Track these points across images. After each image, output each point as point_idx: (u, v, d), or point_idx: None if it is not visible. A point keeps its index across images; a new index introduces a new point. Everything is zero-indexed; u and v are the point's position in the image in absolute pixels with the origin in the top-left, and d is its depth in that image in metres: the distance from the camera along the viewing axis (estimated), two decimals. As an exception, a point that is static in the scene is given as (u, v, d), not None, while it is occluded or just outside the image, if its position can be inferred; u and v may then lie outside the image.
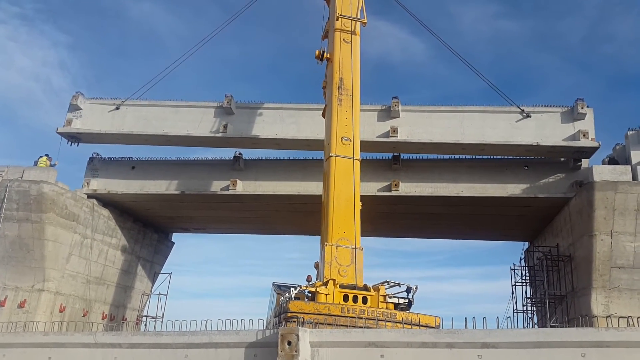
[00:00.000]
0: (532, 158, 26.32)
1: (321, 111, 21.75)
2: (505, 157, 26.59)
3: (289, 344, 12.09)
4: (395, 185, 26.37)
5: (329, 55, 21.14)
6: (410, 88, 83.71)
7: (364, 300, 16.06)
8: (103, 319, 29.02)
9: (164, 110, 27.14)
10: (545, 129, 24.83)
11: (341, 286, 16.13)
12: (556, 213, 26.28)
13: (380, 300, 16.24)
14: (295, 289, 16.36)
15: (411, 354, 12.17)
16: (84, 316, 27.28)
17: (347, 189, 18.03)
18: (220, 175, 27.99)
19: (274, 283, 25.34)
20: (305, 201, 26.98)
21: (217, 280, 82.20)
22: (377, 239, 37.03)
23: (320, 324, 13.90)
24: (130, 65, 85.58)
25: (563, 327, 20.94)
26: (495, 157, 26.69)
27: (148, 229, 33.17)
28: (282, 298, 17.15)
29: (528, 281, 27.46)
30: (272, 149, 27.67)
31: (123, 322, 30.16)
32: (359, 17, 21.40)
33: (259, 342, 12.77)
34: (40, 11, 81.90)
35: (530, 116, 25.09)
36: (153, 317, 31.31)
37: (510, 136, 24.84)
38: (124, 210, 30.32)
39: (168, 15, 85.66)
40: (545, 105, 25.40)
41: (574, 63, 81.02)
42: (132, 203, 29.53)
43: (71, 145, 27.42)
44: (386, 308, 15.99)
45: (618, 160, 24.06)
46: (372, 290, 16.49)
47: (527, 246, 30.80)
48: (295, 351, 12.01)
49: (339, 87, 19.76)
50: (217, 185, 27.76)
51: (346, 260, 16.78)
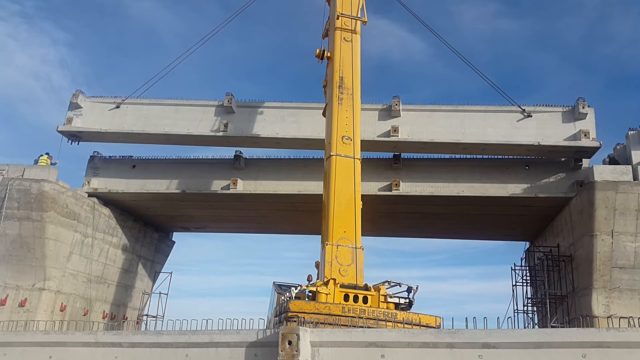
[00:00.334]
0: (533, 158, 26.30)
1: (322, 110, 21.73)
2: (506, 157, 26.57)
3: (290, 343, 12.09)
4: (396, 184, 26.37)
5: (329, 54, 21.13)
6: (410, 87, 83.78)
7: (365, 300, 16.06)
8: (104, 318, 29.05)
9: (164, 108, 27.14)
10: (546, 128, 24.79)
11: (342, 286, 16.13)
12: (557, 213, 26.27)
13: (380, 300, 16.23)
14: (295, 289, 16.37)
15: (412, 354, 12.17)
16: (84, 315, 27.31)
17: (348, 188, 18.02)
18: (220, 174, 27.99)
19: (274, 282, 25.35)
20: (305, 200, 26.98)
21: (218, 280, 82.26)
22: (378, 238, 37.05)
23: (320, 323, 13.89)
24: (130, 63, 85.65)
25: (564, 328, 20.93)
26: (495, 157, 26.66)
27: (149, 228, 33.20)
28: (283, 297, 17.17)
29: (529, 281, 27.46)
30: (273, 148, 27.71)
31: (124, 322, 30.17)
32: (359, 16, 21.37)
33: (260, 342, 12.77)
34: (40, 9, 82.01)
35: (531, 116, 25.06)
36: (154, 317, 31.32)
37: (511, 136, 24.81)
38: (124, 209, 30.34)
39: (167, 13, 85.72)
40: (546, 105, 25.35)
41: (574, 62, 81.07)
42: (133, 202, 29.54)
43: (71, 143, 27.44)
44: (387, 308, 15.98)
45: (618, 160, 24.04)
46: (373, 290, 16.49)
47: (528, 246, 30.80)
48: (296, 351, 12.01)
49: (339, 86, 19.74)
50: (218, 185, 27.77)
51: (347, 260, 16.77)
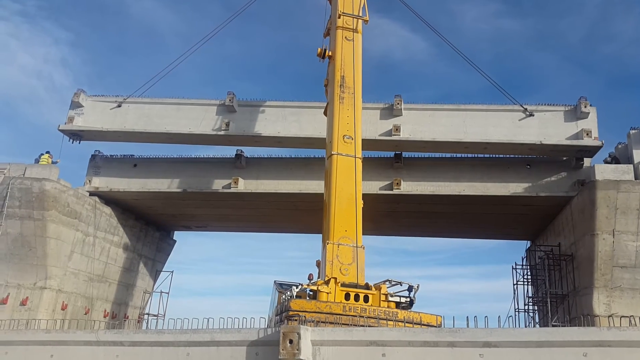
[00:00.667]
0: (534, 157, 26.26)
1: (323, 109, 21.72)
2: (507, 156, 26.52)
3: (291, 342, 12.10)
4: (397, 183, 26.34)
5: (330, 53, 21.12)
6: (412, 86, 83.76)
7: (366, 299, 16.06)
8: (105, 317, 29.06)
9: (165, 107, 27.15)
10: (548, 127, 24.73)
11: (343, 285, 16.14)
12: (558, 212, 26.23)
13: (381, 299, 16.25)
14: (296, 288, 16.37)
15: (412, 352, 12.17)
16: (85, 314, 27.33)
17: (349, 187, 18.02)
18: (221, 173, 27.99)
19: (275, 281, 25.44)
20: (306, 199, 26.97)
21: (219, 279, 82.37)
22: (379, 237, 37.00)
23: (321, 322, 13.90)
24: (131, 63, 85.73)
25: (565, 327, 20.90)
26: (497, 156, 26.61)
27: (150, 226, 33.21)
28: (284, 296, 17.18)
29: (530, 280, 27.41)
30: (274, 147, 27.71)
31: (125, 320, 30.27)
32: (360, 15, 21.36)
33: (261, 341, 12.78)
34: (41, 8, 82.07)
35: (534, 115, 25.00)
36: (155, 315, 31.32)
37: (513, 135, 24.76)
38: (125, 208, 30.35)
39: (169, 12, 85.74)
40: (548, 104, 25.29)
41: (575, 62, 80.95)
42: (134, 201, 29.56)
43: (73, 142, 27.45)
44: (388, 307, 16.00)
45: (620, 159, 24.00)
46: (374, 288, 16.49)
47: (529, 245, 30.76)
48: (297, 350, 12.02)
49: (340, 85, 19.74)
50: (219, 183, 27.77)
51: (348, 259, 16.78)
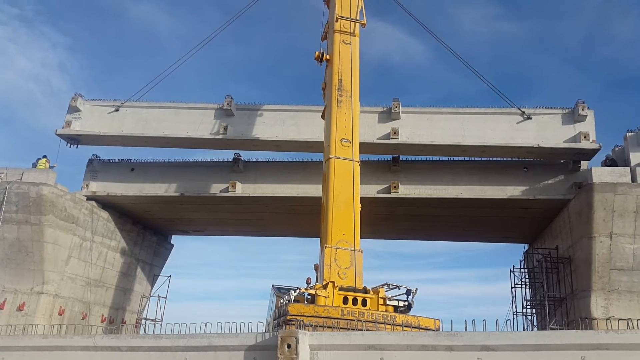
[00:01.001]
0: (532, 160, 26.31)
1: (321, 113, 21.74)
2: (505, 159, 26.58)
3: (289, 346, 12.06)
4: (395, 187, 26.35)
5: (328, 57, 21.15)
6: (410, 90, 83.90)
7: (364, 303, 16.03)
8: (102, 321, 28.96)
9: (163, 111, 27.13)
10: (546, 130, 24.81)
11: (341, 288, 16.12)
12: (555, 215, 26.27)
13: (379, 303, 16.21)
14: (294, 292, 16.29)
15: (411, 356, 12.14)
16: (83, 319, 27.22)
17: (347, 190, 18.02)
18: (219, 177, 27.97)
19: (273, 285, 25.36)
20: (304, 203, 26.96)
21: (217, 283, 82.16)
22: (377, 241, 37.10)
23: (319, 326, 13.86)
24: (129, 67, 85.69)
25: (562, 330, 20.88)
26: (494, 159, 26.67)
27: (147, 231, 33.14)
28: (282, 301, 17.11)
29: (527, 283, 27.44)
30: (273, 151, 27.68)
31: (122, 325, 30.16)
32: (358, 19, 21.39)
33: (258, 345, 12.73)
34: (39, 12, 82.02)
35: (531, 118, 25.08)
36: (152, 320, 31.26)
37: (511, 138, 24.83)
38: (123, 213, 30.29)
39: (168, 16, 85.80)
40: (545, 107, 25.40)
41: (573, 64, 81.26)
42: (132, 205, 29.51)
43: (70, 147, 27.42)
44: (386, 311, 15.95)
45: (617, 161, 24.05)
46: (372, 292, 16.46)
47: (527, 248, 30.79)
48: (295, 354, 11.98)
49: (338, 89, 19.74)
50: (217, 187, 27.75)
51: (346, 263, 16.76)
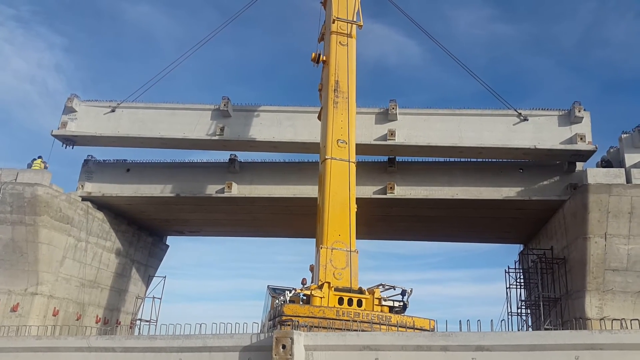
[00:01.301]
0: (527, 161, 26.39)
1: (318, 114, 21.74)
2: (500, 160, 26.64)
3: (284, 347, 12.04)
4: (391, 187, 26.38)
5: (325, 58, 21.16)
6: (406, 91, 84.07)
7: (359, 303, 16.01)
8: (97, 322, 28.85)
9: (159, 112, 27.08)
10: (542, 132, 24.87)
11: (336, 289, 16.10)
12: (550, 216, 26.36)
13: (375, 303, 16.20)
14: (290, 292, 16.27)
15: (406, 357, 12.14)
16: (77, 320, 27.11)
17: (343, 191, 18.01)
18: (215, 177, 27.93)
19: (268, 286, 25.26)
20: (300, 204, 26.95)
21: (212, 284, 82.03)
22: (372, 241, 37.08)
23: (315, 327, 13.85)
24: (126, 67, 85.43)
25: (557, 330, 20.93)
26: (490, 160, 26.72)
27: (142, 232, 33.05)
28: (277, 301, 17.10)
29: (522, 284, 27.51)
30: (269, 152, 27.65)
31: (117, 326, 30.09)
32: (355, 20, 21.40)
33: (253, 346, 12.71)
34: (36, 13, 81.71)
35: (528, 119, 25.15)
36: (147, 321, 31.15)
37: (507, 139, 24.89)
38: (118, 213, 30.20)
39: (165, 17, 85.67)
40: (542, 109, 25.46)
41: (569, 66, 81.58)
42: (127, 206, 29.42)
43: (66, 148, 27.31)
44: (381, 311, 15.95)
45: (612, 162, 24.16)
46: (367, 293, 16.44)
47: (522, 249, 30.89)
48: (290, 355, 11.96)
49: (334, 90, 19.75)
50: (212, 188, 27.70)
51: (341, 263, 16.75)
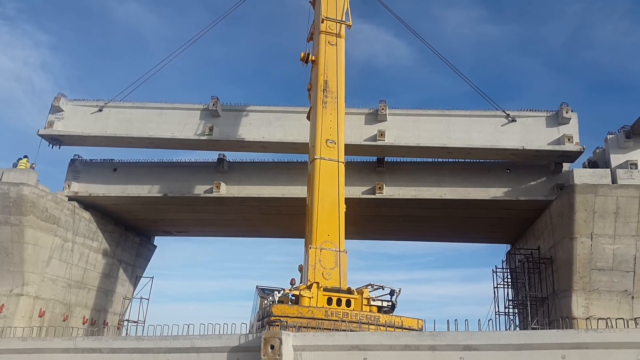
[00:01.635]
0: (514, 161, 26.57)
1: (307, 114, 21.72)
2: (488, 161, 26.82)
3: (272, 347, 12.02)
4: (380, 188, 26.45)
5: (314, 58, 21.14)
6: (395, 91, 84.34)
7: (348, 303, 16.05)
8: (84, 323, 28.56)
9: (147, 112, 26.86)
10: (530, 133, 25.09)
11: (325, 289, 16.12)
12: (537, 216, 26.59)
13: (363, 303, 16.25)
14: (278, 293, 16.26)
15: (394, 356, 12.17)
16: (64, 321, 26.82)
17: (332, 191, 18.03)
18: (203, 177, 27.78)
19: (257, 286, 25.27)
20: (289, 204, 26.90)
21: (200, 284, 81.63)
22: (361, 241, 37.16)
23: (303, 327, 13.84)
24: (113, 66, 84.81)
25: (544, 329, 21.11)
26: (478, 161, 26.90)
27: (130, 232, 32.78)
28: (266, 301, 17.06)
29: (510, 283, 27.71)
30: (259, 152, 27.55)
31: (104, 327, 29.77)
32: (344, 20, 21.43)
33: (242, 347, 12.67)
34: (21, 11, 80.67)
35: (516, 120, 25.36)
36: (134, 322, 30.87)
37: (496, 140, 25.08)
38: (105, 213, 29.92)
39: (153, 15, 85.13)
40: (530, 110, 25.71)
41: (556, 68, 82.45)
42: (114, 206, 29.16)
43: (53, 147, 27.00)
44: (370, 311, 16.00)
45: (598, 163, 24.42)
46: (356, 293, 16.49)
47: (509, 248, 31.11)
48: (278, 355, 11.94)
49: (323, 90, 19.76)
50: (201, 188, 27.54)
51: (330, 263, 16.77)
